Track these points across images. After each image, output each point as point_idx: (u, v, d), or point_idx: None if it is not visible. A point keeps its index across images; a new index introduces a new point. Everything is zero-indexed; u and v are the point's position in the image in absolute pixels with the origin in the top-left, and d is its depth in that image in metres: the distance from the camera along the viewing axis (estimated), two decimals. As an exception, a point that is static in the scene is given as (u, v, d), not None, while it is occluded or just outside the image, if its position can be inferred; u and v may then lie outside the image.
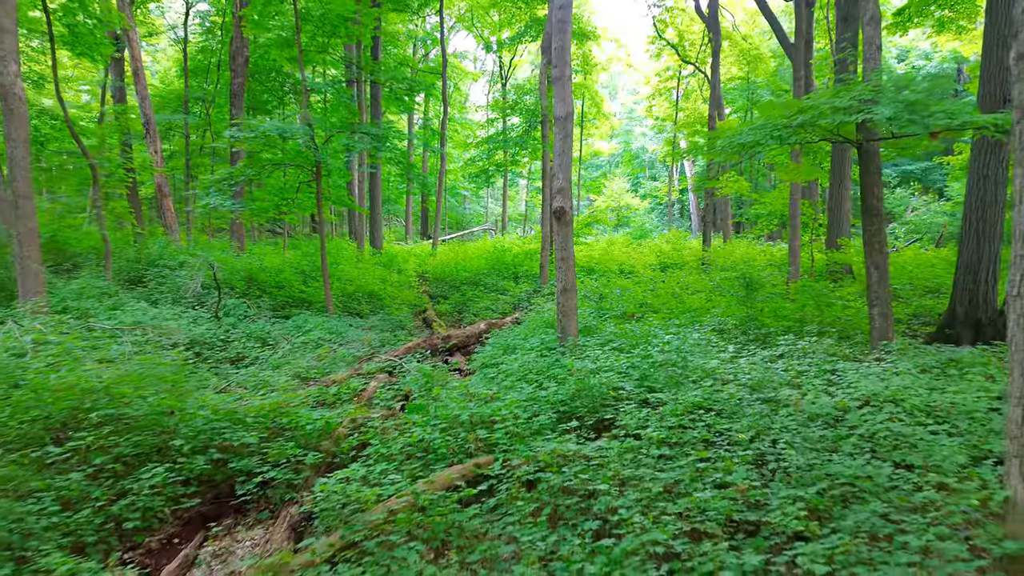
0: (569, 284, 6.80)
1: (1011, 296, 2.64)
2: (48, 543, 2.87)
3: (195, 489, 3.56)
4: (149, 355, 5.57)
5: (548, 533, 2.74)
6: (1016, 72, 2.57)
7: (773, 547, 2.70)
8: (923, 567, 2.39)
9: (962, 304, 8.31)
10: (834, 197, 13.33)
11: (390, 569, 2.52)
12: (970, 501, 2.92)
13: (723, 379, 5.08)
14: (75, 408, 3.85)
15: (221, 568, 3.09)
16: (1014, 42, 2.66)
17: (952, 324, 8.23)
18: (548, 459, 3.38)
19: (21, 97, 8.20)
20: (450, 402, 4.38)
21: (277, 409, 4.27)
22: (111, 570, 2.87)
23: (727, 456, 3.55)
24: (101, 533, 3.10)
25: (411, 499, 3.07)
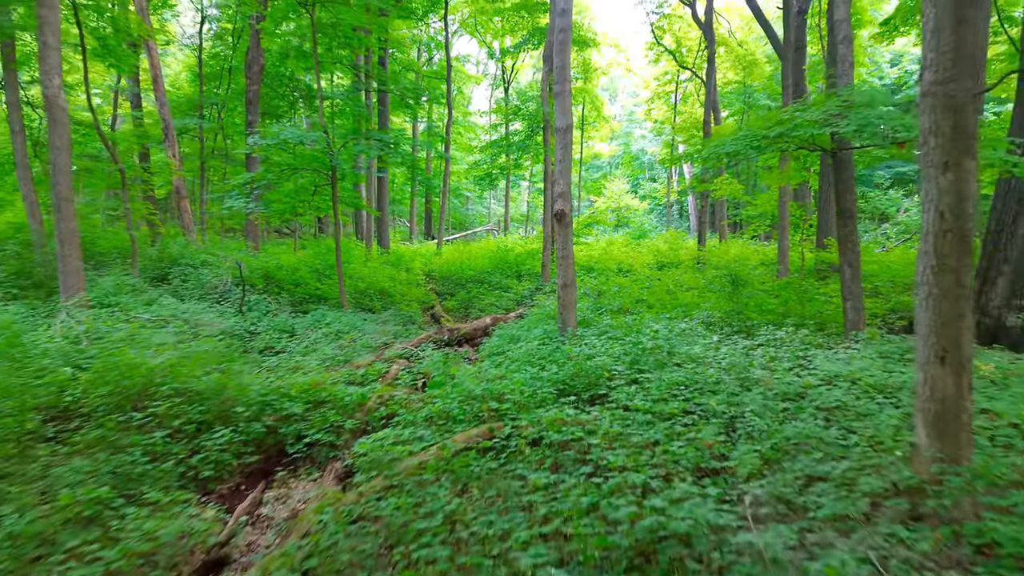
0: (569, 280, 7.46)
1: (918, 286, 3.29)
2: (144, 486, 3.55)
3: (253, 449, 4.24)
4: (191, 343, 6.26)
5: (551, 475, 3.41)
6: (921, 106, 3.23)
7: (731, 484, 3.37)
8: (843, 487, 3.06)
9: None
10: (823, 199, 13.97)
11: (425, 500, 3.18)
12: (894, 453, 3.57)
13: (704, 362, 5.75)
14: (147, 383, 4.53)
15: (283, 507, 3.76)
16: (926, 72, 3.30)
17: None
18: (550, 423, 4.05)
19: (63, 107, 8.88)
20: (465, 380, 5.05)
21: (315, 386, 4.95)
22: (197, 506, 3.54)
23: (700, 421, 4.21)
24: (183, 481, 3.77)
25: (438, 452, 3.74)
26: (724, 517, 2.79)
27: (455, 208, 33.59)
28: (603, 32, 23.38)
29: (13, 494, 3.25)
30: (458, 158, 30.73)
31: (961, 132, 3.08)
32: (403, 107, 18.70)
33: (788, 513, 2.99)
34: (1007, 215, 7.92)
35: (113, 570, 2.78)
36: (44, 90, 8.74)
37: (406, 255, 18.12)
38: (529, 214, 37.21)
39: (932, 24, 3.19)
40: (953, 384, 3.11)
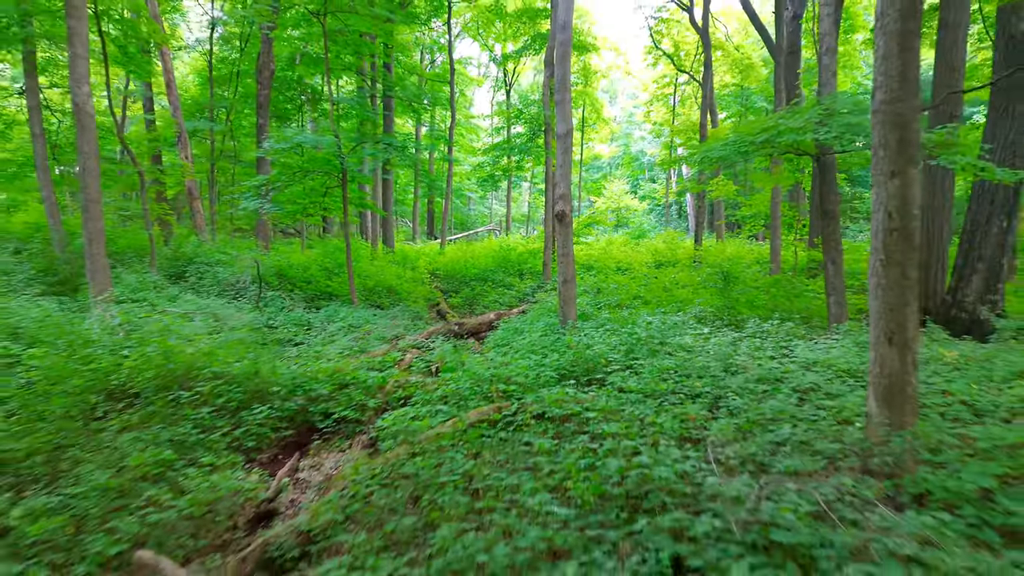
0: (569, 276, 7.97)
1: (870, 277, 3.79)
2: (198, 452, 4.06)
3: (287, 424, 4.75)
4: (219, 335, 6.77)
5: (553, 442, 3.92)
6: (873, 122, 3.73)
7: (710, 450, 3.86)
8: (806, 453, 3.56)
9: (930, 280, 9.46)
10: (815, 200, 14.46)
11: (444, 462, 3.69)
12: (854, 424, 4.07)
13: (694, 351, 6.25)
14: (190, 367, 5.04)
15: (317, 473, 4.26)
16: (876, 92, 3.80)
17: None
18: (552, 400, 4.56)
19: (91, 114, 9.39)
20: (474, 366, 5.56)
21: (339, 371, 5.46)
22: (243, 471, 4.04)
23: (687, 400, 4.72)
24: (229, 450, 4.28)
25: (453, 424, 4.25)
26: (701, 473, 3.30)
27: (457, 208, 34.09)
28: (603, 36, 23.91)
29: (89, 458, 3.76)
30: (460, 159, 31.23)
31: (906, 145, 3.59)
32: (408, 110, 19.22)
33: (756, 471, 3.49)
34: (981, 215, 8.44)
35: (184, 515, 3.29)
36: (73, 97, 9.25)
37: (411, 254, 18.63)
38: (530, 214, 37.72)
39: (882, 52, 3.69)
40: (899, 361, 3.61)
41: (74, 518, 3.19)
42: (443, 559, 2.62)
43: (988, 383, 4.97)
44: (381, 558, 2.71)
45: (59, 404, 4.40)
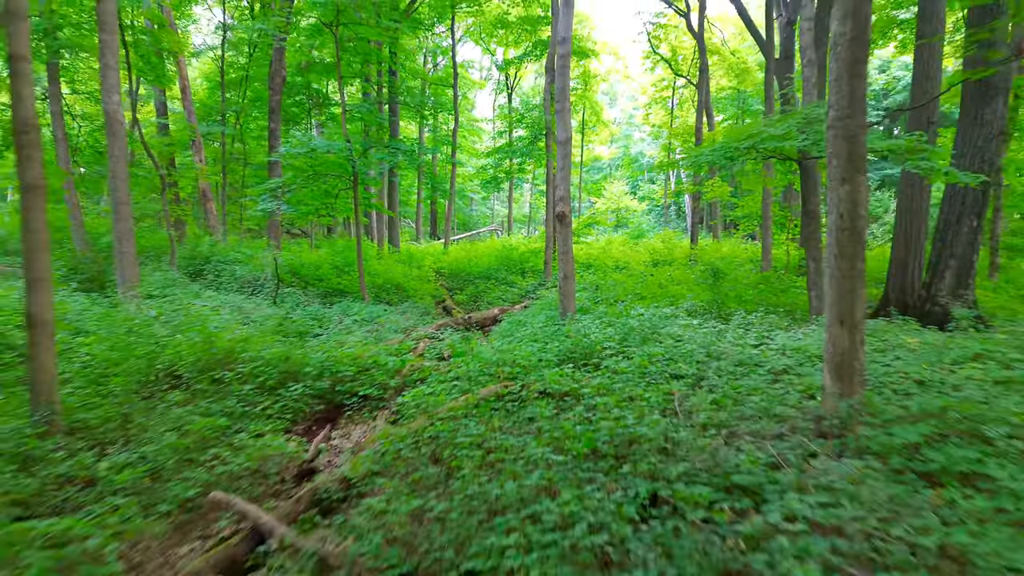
0: (569, 273, 8.58)
1: (826, 269, 4.40)
2: (245, 421, 4.68)
3: (319, 400, 5.37)
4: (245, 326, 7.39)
5: (554, 412, 4.53)
6: (827, 136, 4.34)
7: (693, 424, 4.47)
8: (770, 419, 4.17)
9: (894, 291, 10.09)
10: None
11: (459, 428, 4.30)
12: (816, 398, 4.68)
13: (681, 339, 6.86)
14: (229, 351, 5.66)
15: (347, 441, 4.87)
16: (830, 110, 4.40)
17: (885, 306, 9.98)
18: (552, 379, 5.17)
19: (121, 121, 10.03)
20: (482, 351, 6.17)
21: (360, 356, 6.08)
22: (284, 438, 4.66)
23: (672, 379, 5.32)
24: (270, 421, 4.89)
25: (466, 399, 4.86)
26: (679, 432, 3.91)
27: (460, 209, 34.71)
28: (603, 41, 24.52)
29: (154, 425, 4.38)
30: (463, 161, 31.86)
31: (854, 155, 4.20)
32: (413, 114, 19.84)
33: (724, 432, 4.10)
34: (952, 216, 9.05)
35: (243, 469, 3.91)
36: (104, 106, 9.88)
37: (416, 254, 19.25)
38: (531, 215, 38.34)
39: (835, 75, 4.30)
40: (849, 340, 4.22)
41: (151, 470, 3.81)
42: (463, 494, 3.24)
43: (940, 364, 5.57)
44: (412, 496, 3.32)
45: (118, 383, 5.02)
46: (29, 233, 4.22)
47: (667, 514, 3.07)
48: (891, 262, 10.23)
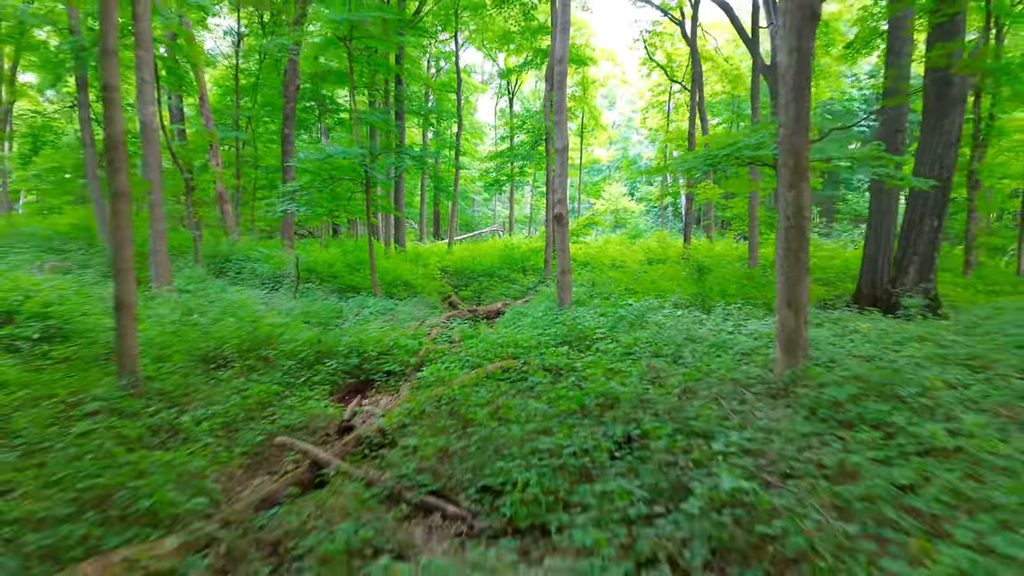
0: (566, 268, 9.46)
1: (776, 261, 5.27)
2: (291, 390, 5.56)
3: (349, 376, 6.25)
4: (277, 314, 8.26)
5: (551, 381, 5.41)
6: (778, 150, 5.21)
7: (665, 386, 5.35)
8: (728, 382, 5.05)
9: (865, 285, 10.97)
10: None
11: (472, 394, 5.17)
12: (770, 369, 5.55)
13: (665, 327, 7.74)
14: (270, 335, 6.55)
15: (376, 407, 5.75)
16: (781, 128, 5.27)
17: (858, 299, 10.85)
18: (550, 356, 6.05)
19: (156, 130, 10.92)
20: (489, 336, 7.05)
21: (383, 340, 6.97)
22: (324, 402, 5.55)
23: (653, 357, 6.20)
24: (312, 390, 5.77)
25: (476, 373, 5.74)
26: (650, 392, 4.79)
27: (462, 210, 35.60)
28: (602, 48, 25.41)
29: (217, 392, 5.26)
30: (464, 163, 32.77)
31: (798, 166, 5.08)
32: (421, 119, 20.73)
33: (688, 392, 4.98)
34: (915, 216, 9.93)
35: (296, 423, 4.80)
36: (141, 116, 10.77)
37: (422, 253, 20.14)
38: (532, 215, 39.23)
39: (783, 100, 5.19)
40: (795, 320, 5.10)
41: (224, 423, 4.69)
42: (477, 436, 4.12)
43: (885, 345, 6.44)
44: (437, 438, 4.21)
45: (178, 360, 5.91)
46: (117, 231, 5.11)
47: (637, 448, 3.95)
48: (863, 259, 11.11)
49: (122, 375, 5.06)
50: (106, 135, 5.02)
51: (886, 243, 10.80)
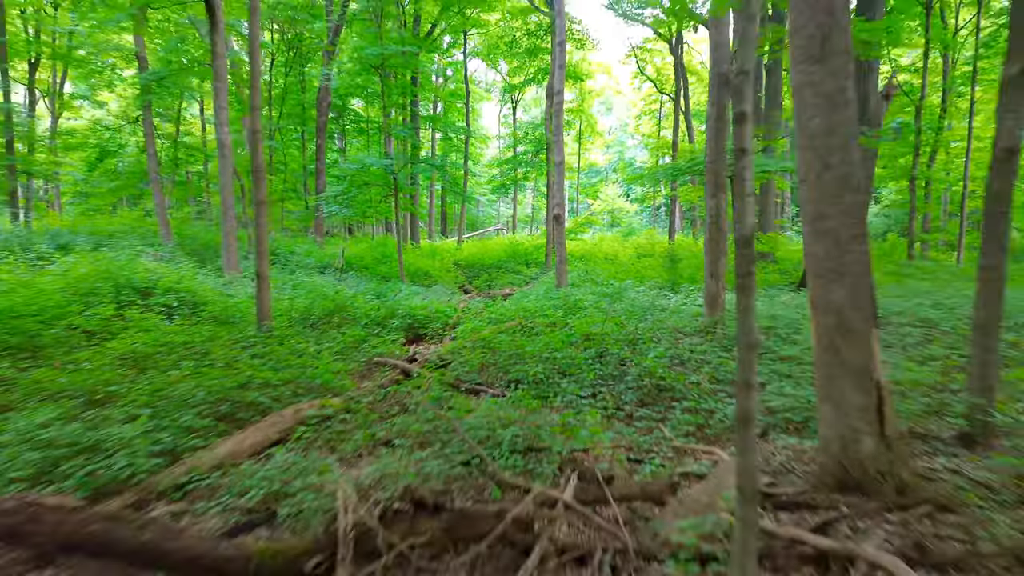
0: (563, 258, 11.90)
1: (704, 246, 7.70)
2: (371, 338, 8.03)
3: (407, 331, 8.71)
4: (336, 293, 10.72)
5: (551, 329, 7.86)
6: (706, 171, 7.63)
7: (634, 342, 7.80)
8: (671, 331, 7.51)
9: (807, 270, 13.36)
10: (762, 203, 18.36)
11: (496, 338, 7.62)
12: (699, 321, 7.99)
13: (638, 301, 10.18)
14: (343, 304, 9.00)
15: (427, 351, 8.18)
16: (707, 155, 7.68)
17: (802, 284, 13.23)
18: (550, 316, 8.51)
19: (229, 147, 13.35)
20: (505, 305, 9.49)
21: (425, 308, 9.42)
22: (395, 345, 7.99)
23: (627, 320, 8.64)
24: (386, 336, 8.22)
25: (496, 328, 8.19)
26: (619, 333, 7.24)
27: (468, 211, 38.04)
28: (598, 62, 27.80)
29: (326, 335, 7.71)
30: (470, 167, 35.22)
31: (718, 183, 7.51)
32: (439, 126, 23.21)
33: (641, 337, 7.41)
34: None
35: (381, 354, 7.25)
36: (218, 135, 13.21)
37: (436, 249, 22.60)
38: (533, 215, 41.69)
39: (708, 136, 7.62)
40: (716, 286, 7.53)
41: (338, 351, 7.14)
42: (504, 354, 6.57)
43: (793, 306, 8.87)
44: (476, 356, 6.66)
45: (284, 320, 8.35)
46: (258, 228, 7.54)
47: (605, 360, 6.39)
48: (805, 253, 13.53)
49: (261, 325, 7.50)
50: (252, 161, 7.46)
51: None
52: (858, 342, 3.80)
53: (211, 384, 5.24)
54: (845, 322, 3.81)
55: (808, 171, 3.96)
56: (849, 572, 2.95)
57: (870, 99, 12.11)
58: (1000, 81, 4.58)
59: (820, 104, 3.86)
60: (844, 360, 3.82)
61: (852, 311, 3.81)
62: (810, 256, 4.00)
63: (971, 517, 3.46)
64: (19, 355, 6.44)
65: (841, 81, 3.85)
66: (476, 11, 21.50)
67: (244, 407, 5.06)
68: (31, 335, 6.98)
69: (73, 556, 3.31)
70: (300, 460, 4.11)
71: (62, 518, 3.32)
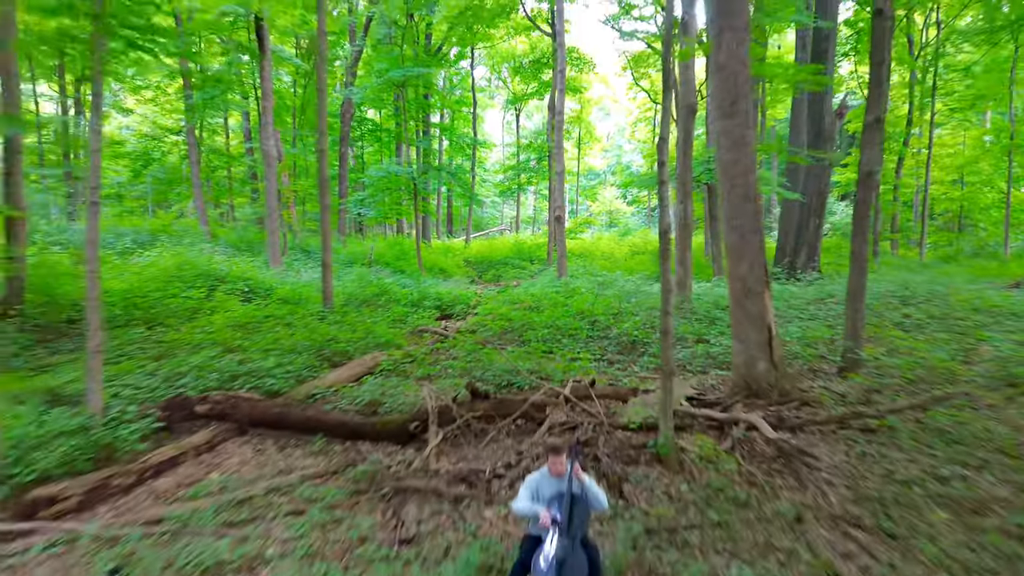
0: (563, 253, 13.92)
1: (676, 242, 9.73)
2: (409, 315, 10.05)
3: (436, 311, 10.75)
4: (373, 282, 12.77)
5: (555, 309, 9.89)
6: (677, 182, 9.66)
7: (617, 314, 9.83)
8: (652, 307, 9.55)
9: (776, 264, 15.36)
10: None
11: (510, 315, 9.65)
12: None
13: (626, 288, 12.20)
14: (385, 289, 11.04)
15: (450, 329, 10.20)
16: (678, 171, 9.68)
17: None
18: (552, 298, 10.55)
19: (274, 157, 15.38)
20: (515, 291, 11.53)
21: (451, 294, 11.46)
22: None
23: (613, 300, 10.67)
24: (422, 314, 10.23)
25: (511, 307, 10.23)
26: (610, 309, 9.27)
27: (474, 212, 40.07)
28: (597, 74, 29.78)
29: (375, 313, 9.73)
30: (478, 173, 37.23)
31: (687, 192, 9.54)
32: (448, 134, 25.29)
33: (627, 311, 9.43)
34: (803, 218, 14.37)
35: (423, 323, 9.28)
36: (264, 147, 15.25)
37: (448, 247, 24.62)
38: (535, 216, 43.69)
39: (679, 151, 9.65)
40: (684, 273, 9.56)
41: (389, 322, 9.17)
42: (518, 323, 8.61)
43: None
44: (497, 325, 8.69)
45: (339, 300, 10.37)
46: (323, 227, 9.57)
47: (595, 327, 8.40)
48: (776, 248, 15.55)
49: (326, 304, 9.53)
50: (319, 175, 9.49)
51: (791, 235, 15.24)
52: (756, 299, 5.82)
53: (308, 339, 7.28)
54: (748, 286, 5.84)
55: (723, 189, 6.00)
56: (732, 430, 4.95)
57: (824, 118, 14.14)
58: (863, 122, 6.62)
59: (729, 144, 5.90)
60: (747, 311, 5.84)
61: (752, 279, 5.84)
62: (727, 244, 6.03)
63: (823, 408, 5.49)
64: (147, 324, 8.46)
65: (743, 129, 5.89)
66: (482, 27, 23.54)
67: (336, 354, 7.10)
68: (150, 309, 9.02)
69: (259, 428, 5.33)
70: (386, 382, 6.15)
71: (252, 405, 5.36)
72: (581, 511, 2.85)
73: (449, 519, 3.84)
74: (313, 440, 5.09)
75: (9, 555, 3.49)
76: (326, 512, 3.87)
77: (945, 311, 8.64)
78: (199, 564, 3.33)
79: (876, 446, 4.70)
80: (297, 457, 4.85)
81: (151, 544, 3.54)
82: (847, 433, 4.97)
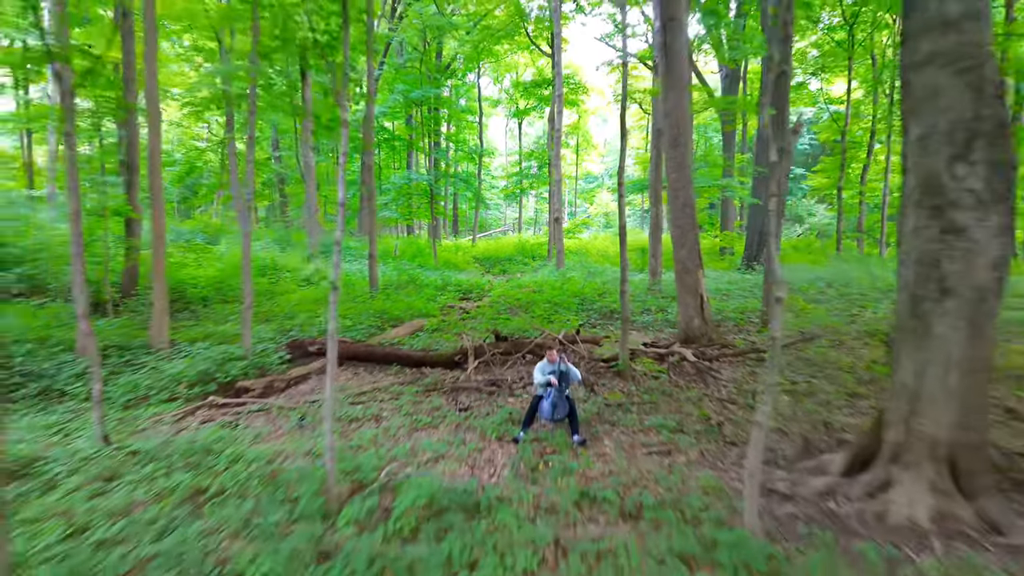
0: (561, 248, 16.43)
1: (649, 237, 12.23)
2: (437, 297, 12.57)
3: (457, 295, 13.26)
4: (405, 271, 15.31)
5: (553, 291, 12.43)
6: (668, 190, 12.15)
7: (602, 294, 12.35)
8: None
9: (745, 258, 17.89)
10: (722, 209, 22.91)
11: (518, 295, 12.18)
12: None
13: (615, 278, 14.70)
14: (415, 278, 13.55)
15: (470, 306, 12.70)
16: (651, 178, 12.15)
17: (744, 265, 17.76)
18: (551, 285, 13.08)
19: (312, 168, 17.91)
20: (522, 279, 14.06)
21: (467, 281, 13.97)
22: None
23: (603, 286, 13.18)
24: (447, 296, 12.73)
25: (518, 292, 12.77)
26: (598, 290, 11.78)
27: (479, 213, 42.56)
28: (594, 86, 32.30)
29: (410, 295, 12.25)
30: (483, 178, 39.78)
31: (657, 196, 12.06)
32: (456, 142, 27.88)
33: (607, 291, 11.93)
34: (762, 222, 16.87)
35: (450, 302, 11.81)
36: (304, 159, 17.78)
37: (457, 246, 27.14)
38: (536, 217, 46.22)
39: (651, 166, 12.17)
40: (656, 263, 12.07)
41: (427, 298, 11.68)
42: (525, 301, 11.15)
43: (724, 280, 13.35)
44: (507, 302, 11.23)
45: (381, 284, 12.90)
46: (370, 228, 12.09)
47: (584, 302, 10.91)
48: (745, 245, 18.07)
49: (373, 287, 12.06)
50: (367, 186, 11.99)
51: (754, 236, 17.76)
52: (691, 275, 8.33)
53: (367, 310, 9.81)
54: (685, 266, 8.35)
55: (670, 197, 8.54)
56: (669, 358, 7.45)
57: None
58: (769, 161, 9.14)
59: (674, 167, 8.43)
60: (685, 284, 8.35)
61: (689, 261, 8.34)
62: (671, 236, 8.56)
63: (735, 349, 8.01)
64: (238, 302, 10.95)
65: (683, 157, 8.41)
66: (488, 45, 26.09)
67: (391, 319, 9.64)
68: (235, 291, 11.55)
69: (352, 361, 7.85)
70: (431, 336, 8.68)
71: (347, 346, 7.90)
72: (566, 379, 5.36)
73: (487, 402, 6.36)
74: (390, 368, 7.61)
75: (235, 415, 6.01)
76: (412, 397, 6.40)
77: (854, 291, 11.14)
78: (347, 417, 5.84)
79: (761, 368, 7.22)
80: (382, 377, 7.37)
81: (315, 410, 6.06)
82: (746, 361, 7.48)
